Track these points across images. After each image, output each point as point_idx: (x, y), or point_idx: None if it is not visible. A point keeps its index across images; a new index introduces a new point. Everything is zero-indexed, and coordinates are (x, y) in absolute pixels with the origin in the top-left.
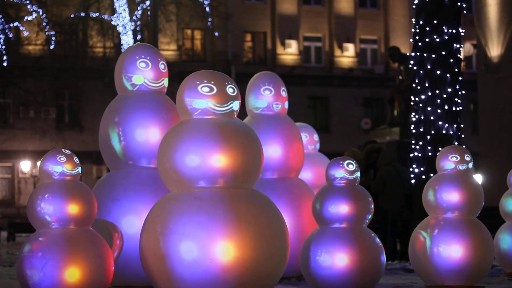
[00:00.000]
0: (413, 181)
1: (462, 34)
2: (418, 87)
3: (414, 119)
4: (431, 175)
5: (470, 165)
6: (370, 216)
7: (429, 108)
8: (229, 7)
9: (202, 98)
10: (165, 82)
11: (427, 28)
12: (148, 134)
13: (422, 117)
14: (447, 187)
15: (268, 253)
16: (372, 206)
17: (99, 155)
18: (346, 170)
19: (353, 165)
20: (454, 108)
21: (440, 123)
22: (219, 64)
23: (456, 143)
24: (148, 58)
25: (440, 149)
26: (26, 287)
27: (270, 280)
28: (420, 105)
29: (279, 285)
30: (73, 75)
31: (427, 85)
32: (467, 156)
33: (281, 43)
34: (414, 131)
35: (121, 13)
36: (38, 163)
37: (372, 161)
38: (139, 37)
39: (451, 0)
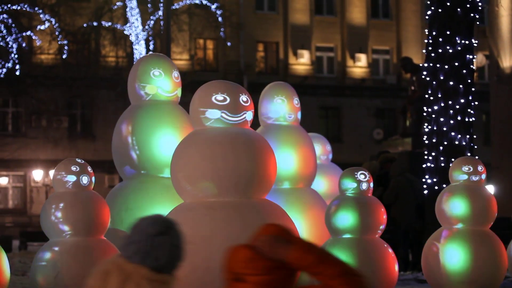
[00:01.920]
0: (425, 191)
1: (475, 45)
2: (431, 98)
3: (426, 129)
4: (444, 185)
5: (483, 176)
6: (383, 227)
7: (441, 119)
8: (241, 17)
9: (216, 108)
10: (178, 92)
11: (440, 39)
12: (161, 143)
13: (435, 128)
14: (460, 198)
15: None
16: (385, 216)
17: (112, 164)
18: (359, 181)
19: (365, 175)
20: (466, 119)
21: (452, 133)
22: (231, 74)
23: (468, 154)
24: (161, 68)
25: (452, 159)
26: None
27: None
28: (433, 115)
29: None
30: (85, 84)
31: (439, 95)
32: (480, 167)
33: (293, 53)
34: (426, 141)
35: (133, 23)
36: (51, 172)
37: (385, 171)
38: (151, 46)
39: (464, 11)
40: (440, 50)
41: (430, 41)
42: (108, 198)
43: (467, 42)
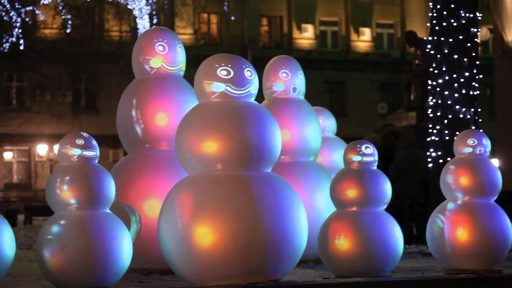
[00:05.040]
0: (430, 165)
1: (479, 18)
2: (435, 71)
3: (431, 103)
4: (448, 159)
5: (488, 149)
6: (387, 200)
7: (446, 92)
8: None
9: (220, 81)
10: (183, 65)
11: (444, 12)
12: (166, 117)
13: (439, 101)
14: (465, 171)
15: (286, 237)
16: (390, 189)
17: (116, 139)
18: (363, 154)
19: (370, 148)
20: (471, 92)
21: (457, 107)
22: (235, 48)
23: (473, 127)
24: (165, 41)
25: (457, 133)
26: (44, 270)
27: (288, 264)
28: (437, 89)
29: (297, 268)
30: (89, 58)
31: (444, 69)
32: (485, 140)
33: (297, 27)
34: (431, 115)
35: None
36: (55, 146)
37: (389, 144)
38: (155, 21)
39: None
40: (444, 24)
41: (434, 14)
42: (113, 171)
43: (471, 15)
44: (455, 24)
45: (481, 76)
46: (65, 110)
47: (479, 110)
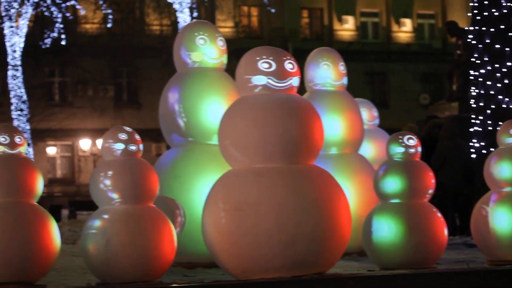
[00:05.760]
0: (473, 155)
1: None
2: (478, 61)
3: (474, 93)
4: (492, 149)
5: None
6: (431, 191)
7: (488, 82)
8: None
9: (262, 74)
10: (224, 58)
11: (486, 2)
12: (208, 110)
13: (482, 92)
14: (509, 161)
15: (330, 229)
16: (433, 181)
17: (158, 133)
18: (406, 145)
19: (414, 140)
20: None
21: (500, 97)
22: (276, 41)
23: None
24: (206, 34)
25: (500, 123)
26: (89, 264)
27: (332, 256)
28: (480, 79)
29: (341, 260)
30: (130, 53)
31: (486, 59)
32: None
33: (338, 19)
34: (474, 105)
35: None
36: (98, 141)
37: (432, 136)
38: (195, 14)
39: None
40: (485, 13)
41: (476, 4)
42: (156, 165)
43: None
44: (496, 13)
45: None
46: (107, 104)
47: None
